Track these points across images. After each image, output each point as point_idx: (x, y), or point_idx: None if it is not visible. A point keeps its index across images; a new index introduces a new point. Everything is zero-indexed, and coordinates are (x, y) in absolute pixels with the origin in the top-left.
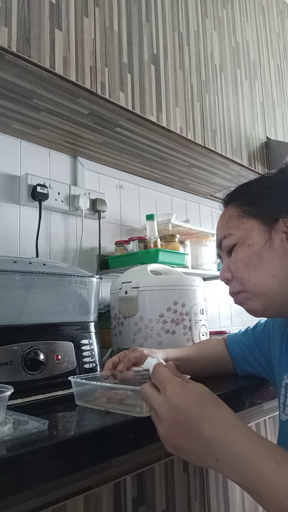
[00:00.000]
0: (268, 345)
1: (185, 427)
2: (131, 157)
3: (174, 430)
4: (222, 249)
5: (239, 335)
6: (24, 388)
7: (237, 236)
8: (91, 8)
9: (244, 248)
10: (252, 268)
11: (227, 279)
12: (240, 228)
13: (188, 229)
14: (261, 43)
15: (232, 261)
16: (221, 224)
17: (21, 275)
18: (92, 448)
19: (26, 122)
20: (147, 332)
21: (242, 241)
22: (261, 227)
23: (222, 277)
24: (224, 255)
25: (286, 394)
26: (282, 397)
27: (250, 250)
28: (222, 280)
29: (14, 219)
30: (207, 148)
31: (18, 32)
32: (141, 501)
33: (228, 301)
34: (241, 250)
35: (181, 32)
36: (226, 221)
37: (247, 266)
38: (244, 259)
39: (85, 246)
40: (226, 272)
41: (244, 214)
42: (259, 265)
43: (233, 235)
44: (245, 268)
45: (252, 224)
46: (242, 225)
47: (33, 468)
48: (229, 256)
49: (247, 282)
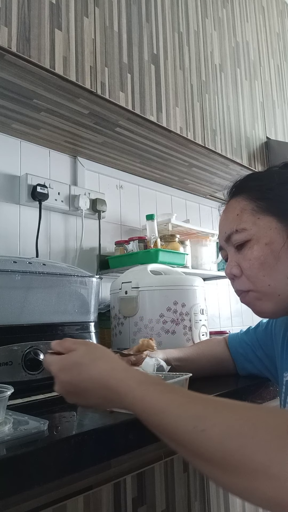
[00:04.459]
0: (271, 343)
1: (76, 374)
2: (131, 157)
3: (67, 378)
4: (230, 243)
5: (240, 335)
6: (24, 388)
7: (252, 232)
8: (91, 8)
9: (261, 247)
10: (268, 268)
11: (234, 275)
12: (256, 225)
13: (188, 229)
14: (261, 43)
15: (245, 258)
16: (231, 217)
17: (21, 275)
18: (92, 448)
19: (26, 122)
20: (147, 332)
21: (257, 238)
22: (278, 226)
23: (229, 272)
24: (231, 250)
25: (286, 391)
26: (283, 395)
27: (267, 249)
28: (228, 275)
29: (14, 219)
30: (207, 148)
31: (18, 32)
32: (141, 501)
33: (228, 301)
34: (257, 248)
35: (181, 32)
36: (237, 214)
37: (263, 265)
38: (260, 258)
39: (85, 246)
40: (235, 267)
41: (260, 210)
42: (275, 266)
43: (248, 231)
44: (260, 268)
45: (269, 222)
46: (258, 221)
47: (33, 468)
48: (238, 251)
49: (261, 282)
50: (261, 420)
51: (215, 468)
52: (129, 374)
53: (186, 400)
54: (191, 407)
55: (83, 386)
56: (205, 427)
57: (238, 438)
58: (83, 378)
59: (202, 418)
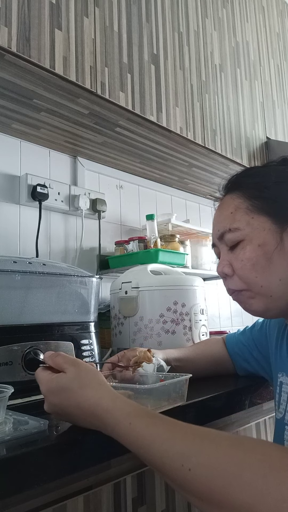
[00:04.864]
0: (266, 344)
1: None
2: (131, 157)
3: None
4: (222, 241)
5: (237, 335)
6: (24, 388)
7: (245, 232)
8: (91, 8)
9: (254, 248)
10: (260, 269)
11: (226, 274)
12: (250, 225)
13: (188, 229)
14: (261, 43)
15: (237, 258)
16: (225, 214)
17: (21, 275)
18: (92, 448)
19: (26, 122)
20: (147, 332)
21: (250, 239)
22: (272, 227)
23: (221, 271)
24: (223, 248)
25: (280, 392)
26: (277, 396)
27: (260, 251)
28: (220, 274)
29: (14, 219)
30: (207, 148)
31: (18, 32)
32: (141, 501)
33: (228, 301)
34: (249, 249)
35: (181, 32)
36: (231, 212)
37: (255, 267)
38: (253, 259)
39: (85, 246)
40: (226, 266)
41: (254, 209)
42: (267, 267)
43: (241, 231)
44: (252, 269)
45: (263, 222)
46: (252, 221)
47: (33, 468)
48: (231, 250)
49: (253, 283)
50: (246, 459)
51: (201, 502)
52: (116, 404)
53: (171, 435)
54: (176, 443)
55: (70, 411)
56: (191, 466)
57: (224, 478)
58: (70, 404)
59: (187, 456)
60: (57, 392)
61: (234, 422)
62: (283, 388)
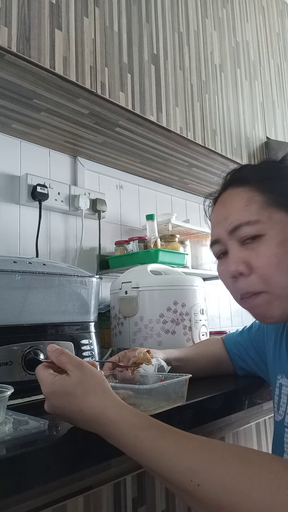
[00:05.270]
0: (263, 345)
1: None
2: (131, 157)
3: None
4: (234, 236)
5: (235, 335)
6: (24, 388)
7: (266, 226)
8: (91, 8)
9: (276, 244)
10: (286, 268)
11: (241, 273)
12: (272, 219)
13: (188, 229)
14: (261, 43)
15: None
16: (237, 207)
17: (21, 275)
18: (92, 448)
19: (26, 122)
20: (147, 332)
21: (272, 234)
22: None
23: (235, 270)
24: (233, 244)
25: (280, 394)
26: (276, 397)
27: (284, 248)
28: (231, 274)
29: (14, 219)
30: (207, 148)
31: (18, 32)
32: (141, 501)
33: (228, 301)
34: (274, 245)
35: (181, 32)
36: (246, 205)
37: (281, 265)
38: (278, 256)
39: (85, 246)
40: (241, 265)
41: (272, 203)
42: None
43: (262, 224)
44: (278, 266)
45: (282, 217)
46: (272, 215)
47: (33, 468)
48: (243, 246)
49: (275, 282)
50: (255, 478)
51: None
52: (120, 415)
53: (179, 449)
54: (184, 459)
55: (72, 416)
56: (200, 482)
57: (233, 496)
58: (73, 409)
59: (196, 472)
60: (59, 395)
61: (234, 422)
62: (282, 390)
